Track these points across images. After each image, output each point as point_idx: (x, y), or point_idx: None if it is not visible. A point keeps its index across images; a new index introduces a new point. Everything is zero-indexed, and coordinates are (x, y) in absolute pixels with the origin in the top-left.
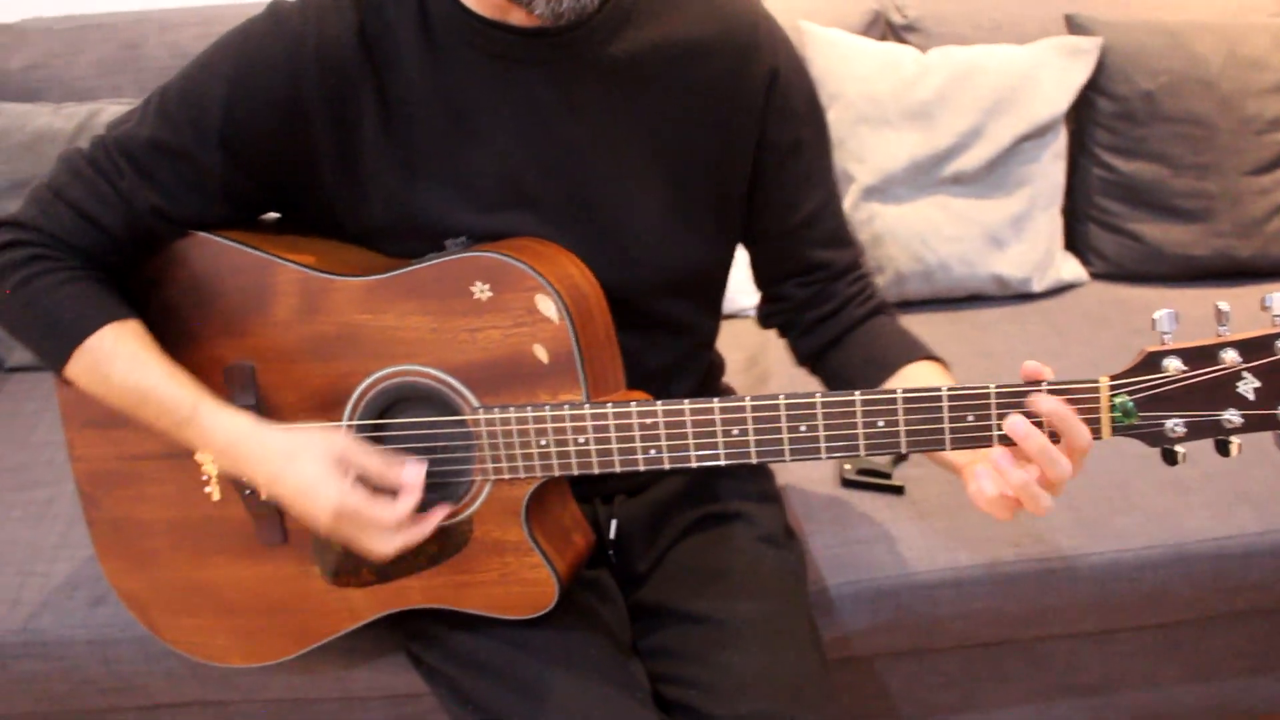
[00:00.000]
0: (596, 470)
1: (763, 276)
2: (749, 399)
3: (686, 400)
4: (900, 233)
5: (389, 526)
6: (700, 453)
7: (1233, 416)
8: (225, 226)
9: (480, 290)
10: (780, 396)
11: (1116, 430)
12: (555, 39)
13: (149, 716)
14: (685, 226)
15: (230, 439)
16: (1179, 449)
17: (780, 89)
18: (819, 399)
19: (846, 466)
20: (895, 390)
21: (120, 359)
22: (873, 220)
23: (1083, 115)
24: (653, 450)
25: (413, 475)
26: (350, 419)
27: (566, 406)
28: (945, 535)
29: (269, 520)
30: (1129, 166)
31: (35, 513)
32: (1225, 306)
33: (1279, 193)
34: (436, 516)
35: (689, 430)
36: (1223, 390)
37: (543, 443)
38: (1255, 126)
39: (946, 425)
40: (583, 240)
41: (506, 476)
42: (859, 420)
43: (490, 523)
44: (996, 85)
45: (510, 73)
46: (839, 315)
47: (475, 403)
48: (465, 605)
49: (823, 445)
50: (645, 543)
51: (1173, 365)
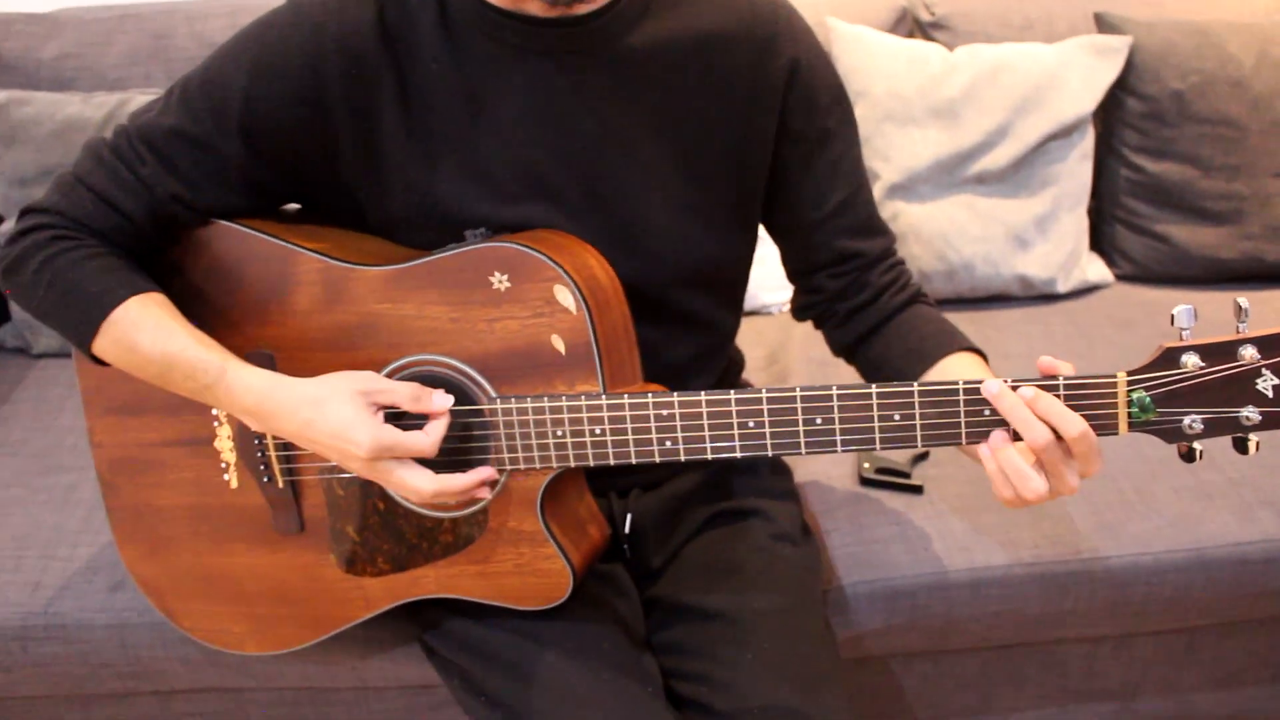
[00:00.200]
0: (612, 461)
1: (795, 269)
2: (765, 391)
3: (703, 392)
4: (924, 231)
5: (428, 451)
6: (716, 444)
7: (1251, 413)
8: (246, 215)
9: (499, 280)
10: (796, 389)
11: (1134, 426)
12: (574, 30)
13: (165, 702)
14: (703, 220)
15: (259, 396)
16: (1196, 446)
17: (801, 81)
18: (835, 391)
19: (865, 465)
20: (911, 384)
21: (146, 328)
22: (897, 219)
23: (1111, 115)
24: (668, 442)
25: (441, 400)
26: None
27: (583, 397)
28: (963, 536)
29: (286, 508)
30: (1157, 167)
31: (59, 497)
32: (1245, 303)
33: None
34: (482, 472)
35: (705, 422)
36: (1241, 387)
37: (559, 433)
38: None
39: (963, 419)
40: (600, 232)
41: (523, 467)
42: (875, 413)
43: (506, 513)
44: (1024, 84)
45: (528, 64)
46: (875, 304)
47: (492, 393)
48: (479, 595)
49: (839, 438)
50: (660, 538)
51: (1191, 361)
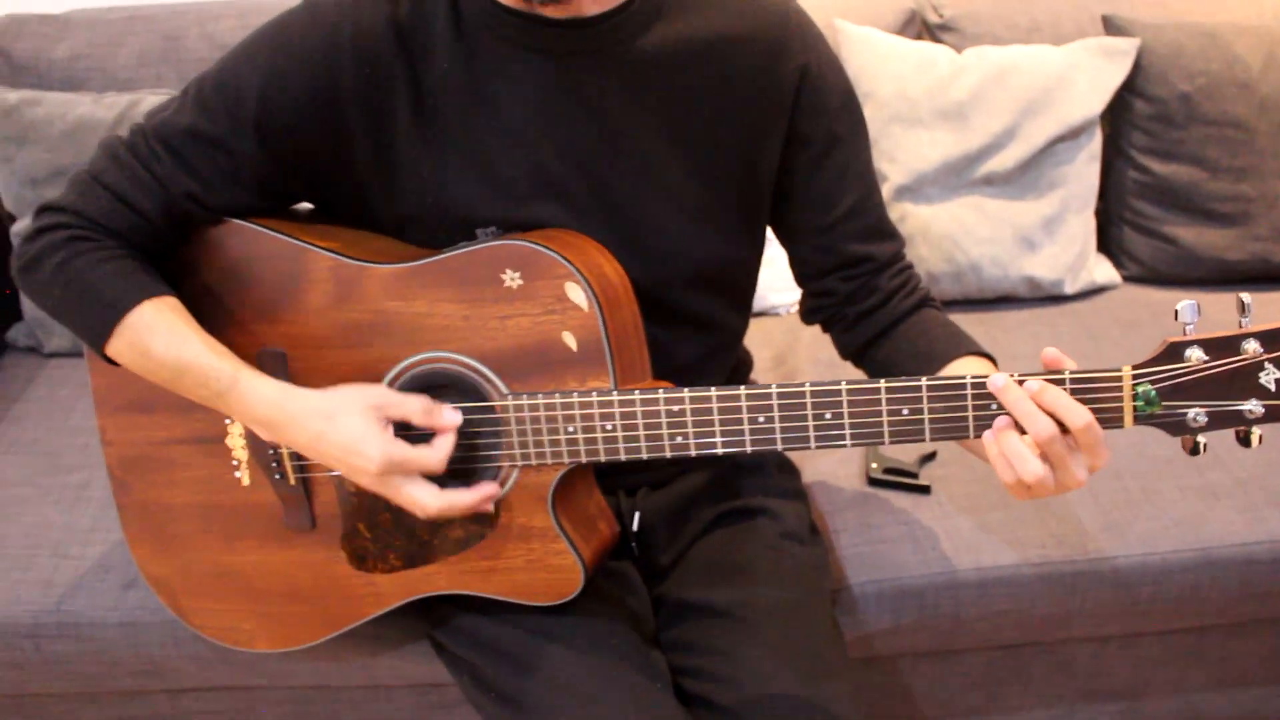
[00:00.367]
0: (624, 457)
1: (804, 273)
2: (775, 386)
3: (714, 388)
4: (932, 233)
5: (435, 468)
6: (727, 439)
7: (1254, 407)
8: (258, 214)
9: (511, 278)
10: (806, 384)
11: (1139, 419)
12: (584, 31)
13: (176, 700)
14: (711, 222)
15: (270, 406)
16: (1201, 439)
17: (811, 84)
18: (844, 386)
19: (873, 465)
20: (919, 379)
21: (160, 332)
22: (904, 220)
23: (1118, 117)
24: (679, 437)
25: (451, 417)
26: None
27: (595, 393)
28: (971, 536)
29: (298, 505)
30: (1165, 169)
31: (70, 496)
32: (1248, 298)
33: None
34: (485, 489)
35: (715, 418)
36: (1244, 381)
37: (570, 429)
38: None
39: (970, 414)
40: (609, 233)
41: (534, 463)
42: (884, 408)
43: (517, 509)
44: (1031, 86)
45: (539, 64)
46: (885, 308)
47: (504, 389)
48: (490, 591)
49: (848, 433)
50: (668, 536)
51: (1195, 355)
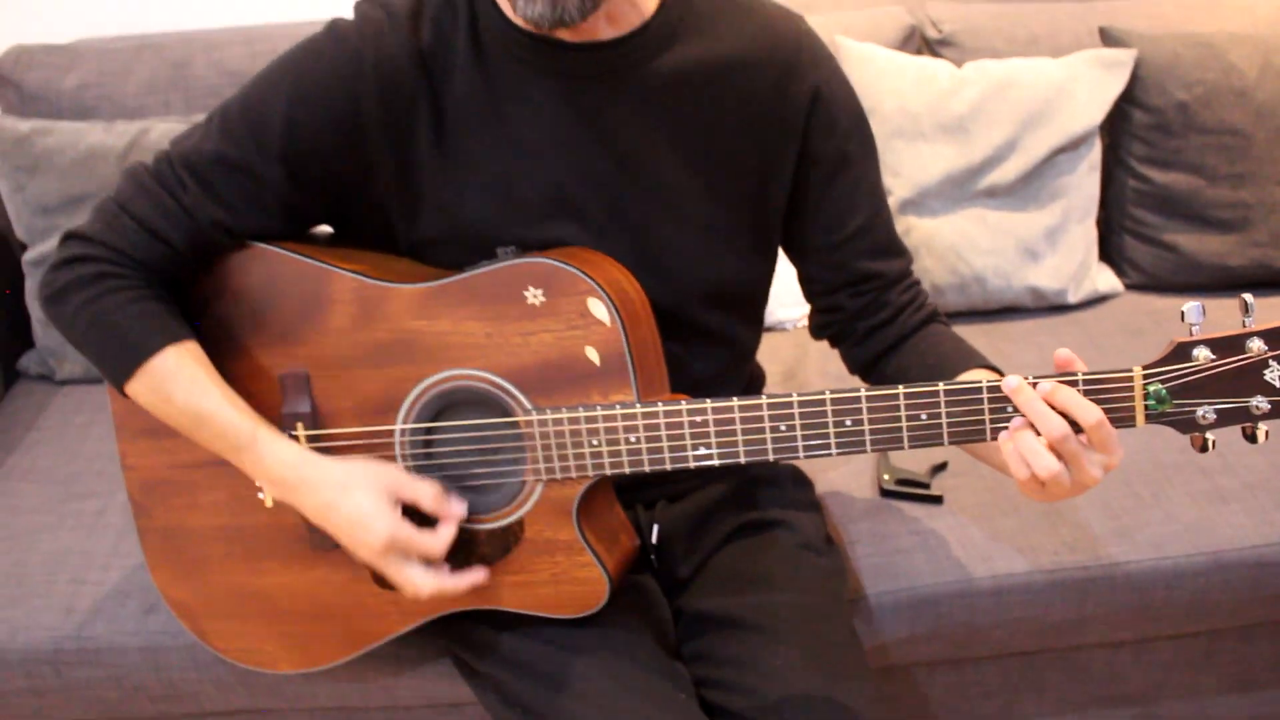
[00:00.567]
0: (648, 469)
1: (814, 289)
2: (795, 395)
3: (735, 398)
4: (936, 245)
5: (435, 555)
6: (749, 449)
7: (1261, 402)
8: (281, 238)
9: (533, 295)
10: (826, 392)
11: (1150, 418)
12: (599, 55)
13: None
14: (724, 241)
15: (286, 468)
16: (1209, 436)
17: (823, 105)
18: (864, 393)
19: (885, 477)
20: (936, 384)
21: (182, 380)
22: (909, 233)
23: (1117, 127)
24: (702, 448)
25: (458, 507)
26: (403, 423)
27: (618, 406)
28: (984, 544)
29: None
30: (1164, 177)
31: (87, 523)
32: (1250, 298)
33: None
34: (477, 576)
35: (738, 427)
36: (1250, 378)
37: (595, 442)
38: None
39: (987, 417)
40: (625, 251)
41: (559, 476)
42: (903, 414)
43: (542, 523)
44: (1031, 98)
45: (557, 86)
46: (894, 323)
47: (528, 405)
48: (516, 605)
49: (868, 439)
50: (687, 548)
51: (1202, 354)
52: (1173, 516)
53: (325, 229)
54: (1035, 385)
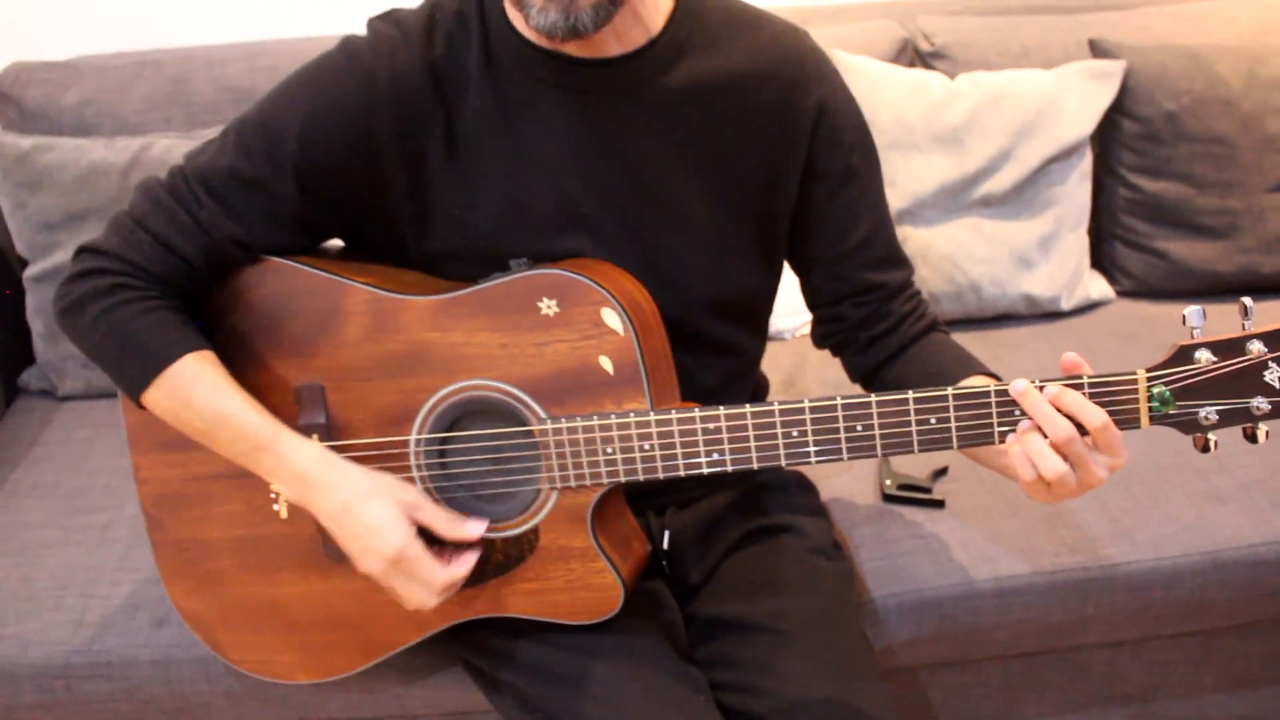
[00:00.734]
0: (661, 475)
1: (818, 300)
2: (807, 401)
3: (748, 405)
4: (932, 255)
5: (437, 585)
6: (761, 454)
7: (1261, 403)
8: (294, 252)
9: (547, 306)
10: (838, 397)
11: (1154, 419)
12: (609, 70)
13: None
14: (731, 253)
15: (310, 464)
16: (1211, 436)
17: (828, 120)
18: (874, 399)
19: (887, 482)
20: (945, 389)
21: (202, 385)
22: (905, 243)
23: (1107, 137)
24: (715, 454)
25: (475, 528)
26: (418, 434)
27: (632, 414)
28: (985, 547)
29: None
30: (1154, 186)
31: (95, 537)
32: (1250, 302)
33: None
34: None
35: (751, 434)
36: (1250, 379)
37: (609, 450)
38: (1277, 144)
39: (995, 419)
40: (634, 263)
41: (574, 484)
42: (912, 418)
43: (556, 530)
44: (1023, 109)
45: (568, 101)
46: (896, 333)
47: (542, 414)
48: (531, 612)
49: (879, 443)
50: (697, 554)
51: (1204, 357)
52: (1171, 517)
53: (336, 242)
54: (1042, 389)
